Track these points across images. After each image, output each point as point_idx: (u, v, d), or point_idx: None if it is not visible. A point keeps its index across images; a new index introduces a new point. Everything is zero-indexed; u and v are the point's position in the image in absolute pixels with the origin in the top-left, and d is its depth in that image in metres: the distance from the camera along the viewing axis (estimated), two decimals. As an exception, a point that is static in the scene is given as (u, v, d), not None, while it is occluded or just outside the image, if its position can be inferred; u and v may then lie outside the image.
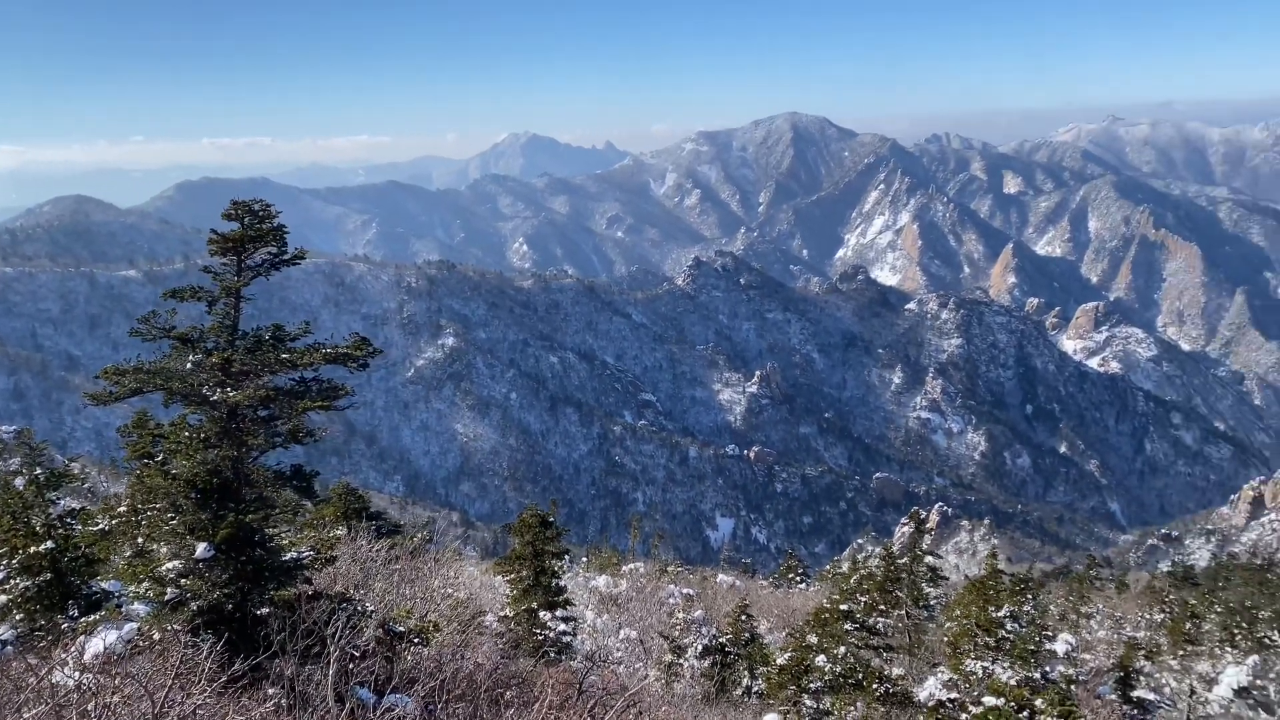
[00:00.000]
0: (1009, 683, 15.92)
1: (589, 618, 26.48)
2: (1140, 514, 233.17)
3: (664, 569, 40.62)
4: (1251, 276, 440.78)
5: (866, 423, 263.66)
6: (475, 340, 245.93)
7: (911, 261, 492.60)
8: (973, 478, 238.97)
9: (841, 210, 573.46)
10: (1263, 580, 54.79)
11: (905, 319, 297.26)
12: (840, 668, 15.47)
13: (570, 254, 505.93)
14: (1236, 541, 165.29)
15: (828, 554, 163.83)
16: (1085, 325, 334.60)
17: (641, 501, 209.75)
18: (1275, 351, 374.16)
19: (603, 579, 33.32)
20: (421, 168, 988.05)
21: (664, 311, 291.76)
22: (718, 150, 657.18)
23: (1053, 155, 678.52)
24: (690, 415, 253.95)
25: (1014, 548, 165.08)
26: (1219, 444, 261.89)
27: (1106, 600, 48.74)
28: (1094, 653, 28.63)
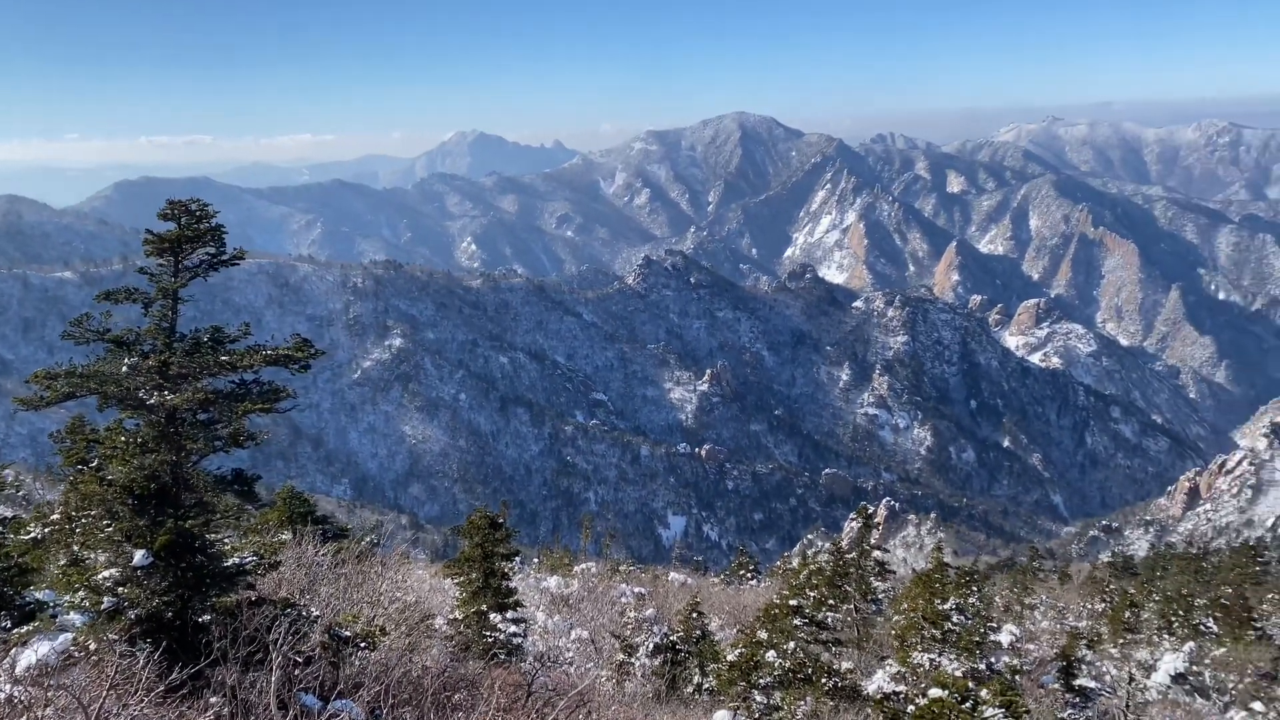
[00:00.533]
0: (955, 674, 16.16)
1: (540, 619, 26.36)
2: (1082, 506, 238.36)
3: (616, 568, 40.60)
4: (1186, 273, 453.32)
5: (816, 419, 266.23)
6: (423, 341, 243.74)
7: (858, 260, 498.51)
8: (919, 472, 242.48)
9: (789, 209, 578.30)
10: (1198, 569, 56.42)
11: (852, 317, 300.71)
12: (790, 663, 15.59)
13: (520, 253, 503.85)
14: (1174, 532, 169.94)
15: (778, 550, 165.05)
16: (1027, 322, 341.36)
17: (594, 501, 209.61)
18: (1209, 346, 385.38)
19: (554, 579, 33.21)
20: (367, 166, 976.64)
21: (615, 311, 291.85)
22: (667, 149, 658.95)
23: (994, 155, 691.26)
24: (642, 414, 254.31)
25: (960, 541, 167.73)
26: (1156, 437, 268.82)
27: (1050, 591, 49.78)
28: (1038, 643, 29.20)
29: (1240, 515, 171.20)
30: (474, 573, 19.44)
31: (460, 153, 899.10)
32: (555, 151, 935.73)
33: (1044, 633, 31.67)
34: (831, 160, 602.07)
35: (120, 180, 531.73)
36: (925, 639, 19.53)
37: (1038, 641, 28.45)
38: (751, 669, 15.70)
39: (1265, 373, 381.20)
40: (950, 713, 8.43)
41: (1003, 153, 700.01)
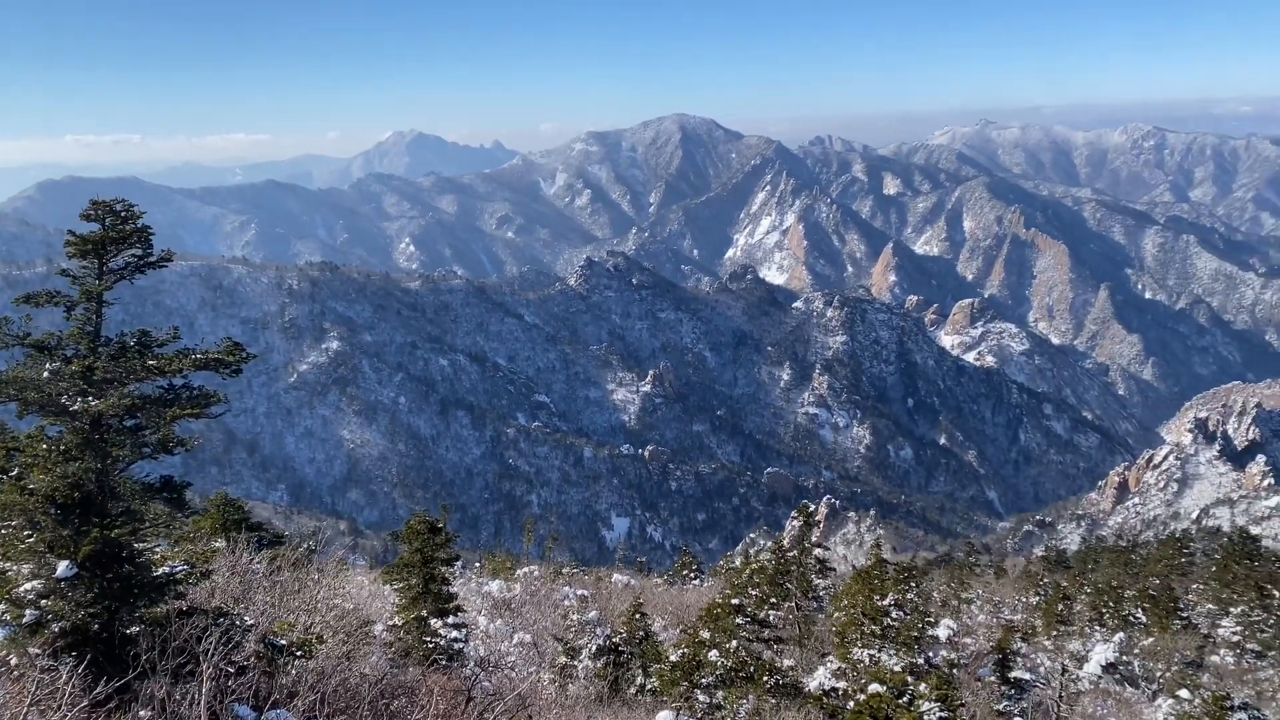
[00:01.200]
0: (894, 669, 16.41)
1: (482, 623, 26.12)
2: (1016, 501, 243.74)
3: (559, 571, 40.44)
4: (1114, 273, 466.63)
5: (757, 419, 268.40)
6: (361, 343, 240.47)
7: (798, 261, 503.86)
8: (859, 470, 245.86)
9: (730, 211, 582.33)
10: (1127, 561, 57.97)
11: (793, 317, 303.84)
12: (732, 661, 15.68)
13: (459, 254, 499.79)
14: (1104, 525, 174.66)
15: (722, 549, 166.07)
16: (962, 321, 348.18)
17: (536, 504, 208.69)
18: (1136, 344, 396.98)
19: (496, 584, 32.95)
20: (302, 166, 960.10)
21: (557, 312, 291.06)
22: (607, 150, 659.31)
23: (929, 157, 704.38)
24: (585, 415, 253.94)
25: (899, 537, 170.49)
26: (1087, 433, 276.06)
27: (986, 585, 50.78)
28: (974, 636, 29.72)
29: (1167, 508, 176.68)
30: (414, 578, 19.20)
31: (398, 153, 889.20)
32: (495, 152, 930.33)
33: (980, 626, 32.28)
34: (771, 162, 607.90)
35: (44, 180, 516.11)
36: (865, 635, 19.79)
37: (974, 635, 28.98)
38: (694, 668, 15.76)
39: (1190, 370, 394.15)
40: (887, 707, 8.56)
41: (937, 155, 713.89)
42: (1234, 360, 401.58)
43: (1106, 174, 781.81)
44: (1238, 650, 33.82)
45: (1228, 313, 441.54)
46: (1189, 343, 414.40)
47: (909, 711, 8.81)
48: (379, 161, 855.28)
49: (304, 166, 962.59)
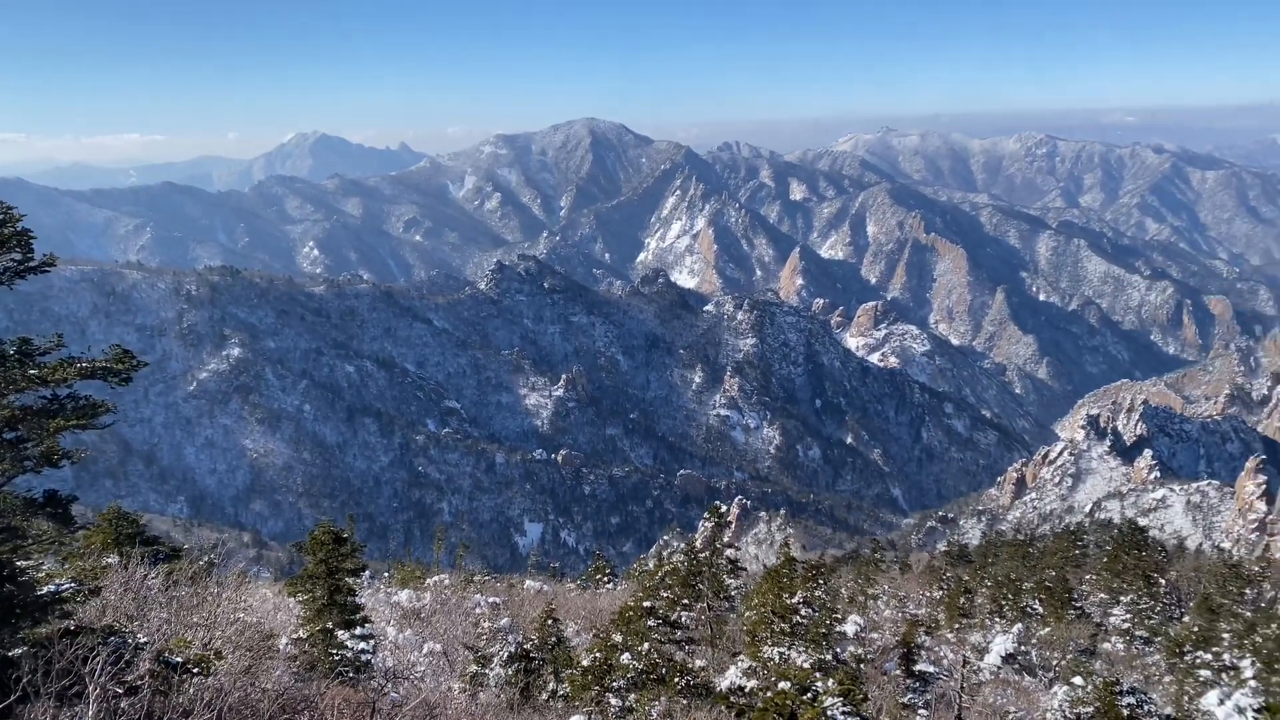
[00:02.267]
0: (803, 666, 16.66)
1: (391, 634, 25.69)
2: (920, 498, 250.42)
3: (470, 579, 40.00)
4: (1010, 276, 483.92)
5: (670, 421, 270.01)
6: (264, 350, 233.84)
7: (708, 265, 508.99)
8: (769, 470, 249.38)
9: (641, 215, 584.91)
10: (1025, 554, 60.05)
11: (704, 320, 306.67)
12: (643, 664, 15.71)
13: (365, 258, 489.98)
14: (1003, 520, 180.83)
15: (635, 552, 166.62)
16: (866, 323, 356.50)
17: (447, 511, 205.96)
18: (1031, 344, 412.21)
19: (405, 593, 32.44)
20: (201, 168, 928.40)
21: (467, 316, 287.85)
22: (517, 153, 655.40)
23: (834, 164, 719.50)
24: (496, 421, 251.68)
25: (808, 536, 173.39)
26: (986, 431, 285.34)
27: (891, 581, 51.97)
28: (881, 631, 30.39)
29: (1062, 502, 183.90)
30: (318, 589, 18.77)
31: (301, 154, 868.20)
32: (401, 154, 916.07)
33: (887, 621, 33.03)
34: (681, 167, 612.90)
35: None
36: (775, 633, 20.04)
37: (881, 630, 29.64)
38: (606, 672, 15.74)
39: (1081, 369, 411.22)
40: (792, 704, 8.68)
41: (841, 162, 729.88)
42: (1122, 359, 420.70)
43: (1002, 180, 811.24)
44: (1128, 637, 35.38)
45: (1116, 314, 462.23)
46: (1080, 343, 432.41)
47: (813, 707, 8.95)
48: (281, 163, 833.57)
49: (203, 168, 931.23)
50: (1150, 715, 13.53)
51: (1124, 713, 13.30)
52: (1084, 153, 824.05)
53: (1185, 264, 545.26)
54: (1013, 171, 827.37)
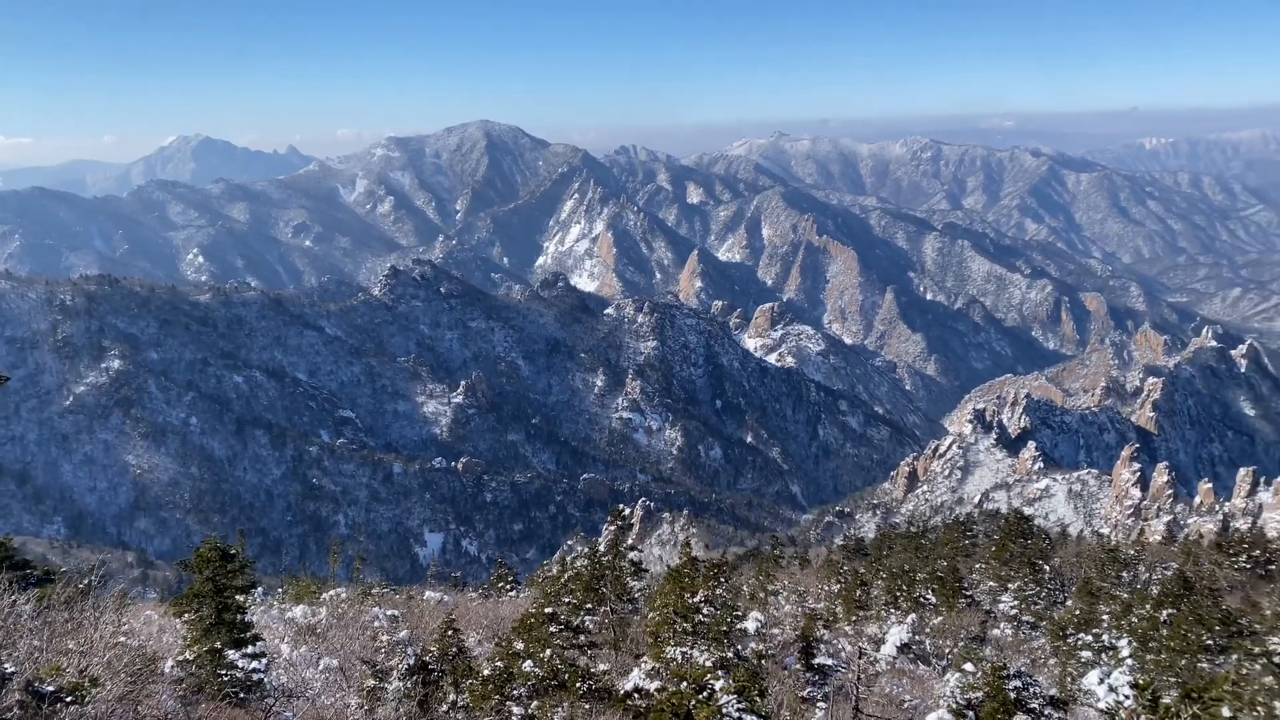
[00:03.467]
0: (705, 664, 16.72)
1: (285, 651, 24.86)
2: (818, 494, 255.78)
3: (367, 592, 39.07)
4: (898, 276, 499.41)
5: (573, 426, 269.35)
6: (146, 362, 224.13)
7: (608, 268, 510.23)
8: (672, 472, 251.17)
9: (539, 218, 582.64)
10: (918, 546, 61.81)
11: (605, 324, 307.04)
12: (545, 670, 15.54)
13: (253, 265, 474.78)
14: (897, 513, 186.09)
15: (539, 559, 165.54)
16: (763, 324, 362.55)
17: (344, 524, 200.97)
18: (920, 342, 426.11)
19: (300, 609, 31.44)
20: (74, 172, 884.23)
21: (360, 323, 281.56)
22: (410, 157, 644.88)
23: (729, 168, 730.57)
24: (393, 430, 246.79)
25: (710, 535, 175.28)
26: (879, 427, 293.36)
27: (791, 577, 52.80)
28: (782, 627, 30.83)
29: (952, 494, 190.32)
30: (205, 608, 18.04)
31: (183, 158, 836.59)
32: (289, 157, 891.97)
33: (787, 617, 33.53)
34: (578, 170, 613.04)
35: None
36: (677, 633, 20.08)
37: (781, 626, 30.06)
38: (506, 680, 15.51)
39: (968, 364, 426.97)
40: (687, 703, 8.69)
41: (736, 166, 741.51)
42: (1006, 355, 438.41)
43: (890, 183, 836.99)
44: (1015, 623, 36.75)
45: (999, 311, 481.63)
46: (966, 340, 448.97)
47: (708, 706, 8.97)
48: (161, 167, 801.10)
49: (76, 172, 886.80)
50: (1035, 697, 14.02)
51: (1011, 696, 13.75)
52: (966, 156, 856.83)
53: (1062, 262, 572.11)
54: (900, 175, 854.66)
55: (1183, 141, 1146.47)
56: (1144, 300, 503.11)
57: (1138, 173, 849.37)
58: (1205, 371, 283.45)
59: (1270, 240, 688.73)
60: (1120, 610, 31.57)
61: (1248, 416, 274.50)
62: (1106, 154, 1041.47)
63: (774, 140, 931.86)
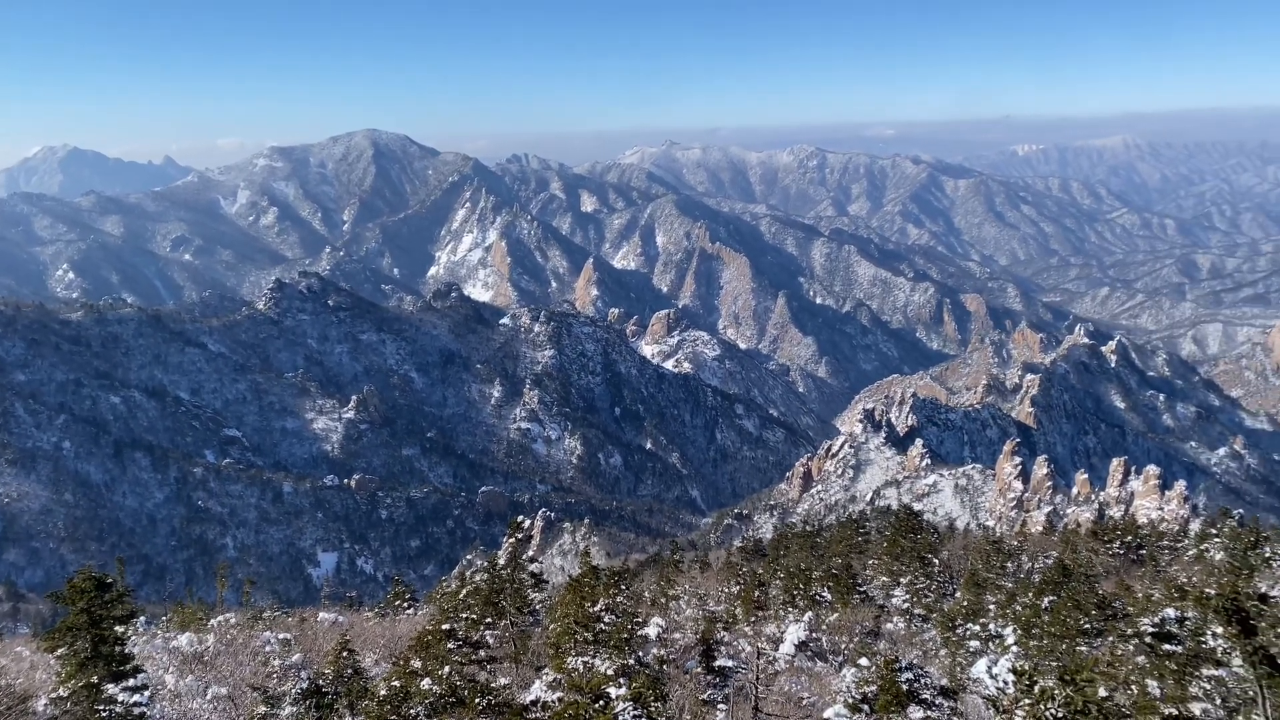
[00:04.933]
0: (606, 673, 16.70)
1: (169, 682, 23.88)
2: (716, 497, 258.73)
3: (258, 616, 37.84)
4: (789, 282, 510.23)
5: (470, 438, 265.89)
6: (13, 383, 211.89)
7: (502, 278, 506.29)
8: (572, 481, 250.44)
9: (430, 228, 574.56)
10: (813, 545, 63.16)
11: (500, 334, 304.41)
12: (444, 687, 15.29)
13: (129, 280, 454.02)
14: (794, 513, 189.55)
15: (438, 574, 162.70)
16: (660, 331, 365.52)
17: (232, 546, 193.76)
18: (811, 345, 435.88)
19: (186, 637, 30.21)
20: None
21: (245, 339, 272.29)
22: (294, 166, 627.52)
23: (622, 176, 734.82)
24: (282, 448, 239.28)
25: (612, 543, 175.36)
26: (775, 429, 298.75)
27: (692, 581, 53.23)
28: (683, 631, 31.03)
29: (845, 492, 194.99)
30: (80, 641, 17.16)
31: (49, 170, 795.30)
32: (166, 168, 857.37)
33: (688, 621, 33.77)
34: (469, 179, 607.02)
35: None
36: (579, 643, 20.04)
37: (683, 630, 30.27)
38: (403, 700, 15.20)
39: (857, 366, 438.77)
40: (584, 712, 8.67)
41: (629, 174, 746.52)
42: (893, 356, 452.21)
43: (779, 191, 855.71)
44: (908, 616, 37.85)
45: (885, 314, 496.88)
46: (855, 342, 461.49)
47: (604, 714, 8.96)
48: (25, 179, 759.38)
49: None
50: (927, 688, 14.47)
51: (904, 688, 14.16)
52: (850, 164, 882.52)
53: (944, 266, 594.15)
54: (788, 183, 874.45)
55: (1052, 148, 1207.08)
56: (1020, 300, 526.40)
57: (1012, 178, 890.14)
58: (1079, 367, 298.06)
59: (1134, 241, 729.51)
60: (1005, 599, 32.86)
61: (1118, 409, 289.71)
62: (982, 160, 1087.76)
63: (665, 149, 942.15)
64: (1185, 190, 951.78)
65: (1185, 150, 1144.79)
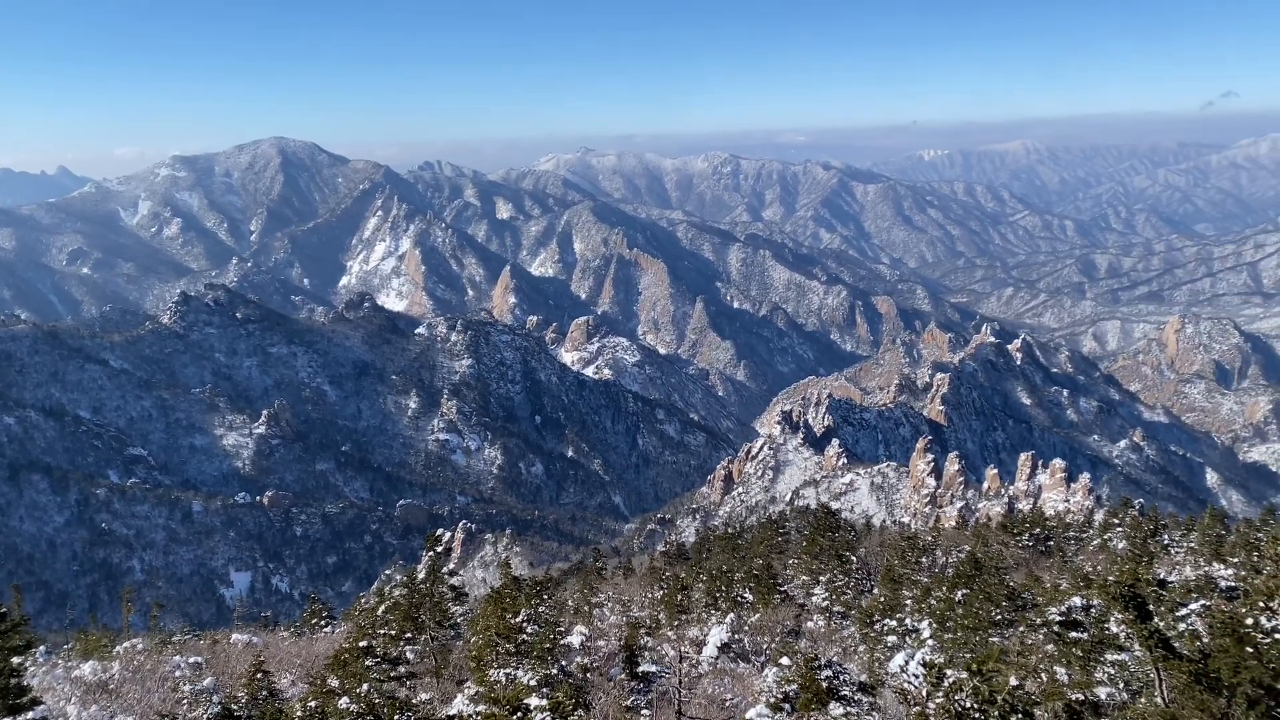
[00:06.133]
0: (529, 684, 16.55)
1: (72, 713, 22.90)
2: (639, 503, 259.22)
3: (167, 640, 36.54)
4: (706, 286, 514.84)
5: (386, 451, 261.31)
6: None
7: (417, 286, 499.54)
8: (492, 491, 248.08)
9: (341, 237, 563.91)
10: (735, 546, 63.70)
11: (416, 344, 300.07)
12: (362, 706, 14.96)
13: (22, 296, 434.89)
14: (716, 516, 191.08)
15: (355, 590, 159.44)
16: (579, 338, 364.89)
17: (139, 569, 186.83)
18: (729, 349, 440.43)
19: (89, 665, 28.99)
20: None
21: (149, 354, 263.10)
22: (198, 176, 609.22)
23: (538, 183, 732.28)
24: (191, 465, 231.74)
25: (535, 552, 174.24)
26: (695, 433, 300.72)
27: (615, 587, 53.24)
28: (607, 638, 30.96)
29: (765, 494, 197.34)
30: (-30, 678, 16.29)
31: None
32: (61, 179, 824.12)
33: (612, 628, 33.71)
34: (381, 187, 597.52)
35: None
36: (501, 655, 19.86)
37: (607, 637, 30.20)
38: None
39: (774, 369, 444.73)
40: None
41: (545, 181, 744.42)
42: (808, 358, 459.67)
43: (694, 197, 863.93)
44: (827, 614, 38.45)
45: (800, 317, 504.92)
46: (772, 345, 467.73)
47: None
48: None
49: None
50: (846, 685, 14.71)
51: (824, 686, 14.36)
52: (764, 170, 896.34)
53: (855, 269, 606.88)
54: (703, 189, 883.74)
55: (957, 153, 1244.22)
56: (929, 301, 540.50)
57: (919, 183, 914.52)
58: (986, 365, 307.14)
59: (1036, 243, 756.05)
60: (920, 594, 33.61)
61: (1025, 405, 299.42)
62: (890, 166, 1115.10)
63: (581, 155, 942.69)
64: (1083, 192, 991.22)
65: (1082, 154, 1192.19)
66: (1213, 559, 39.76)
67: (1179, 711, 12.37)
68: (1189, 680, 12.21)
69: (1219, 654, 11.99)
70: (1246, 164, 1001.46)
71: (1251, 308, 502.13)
